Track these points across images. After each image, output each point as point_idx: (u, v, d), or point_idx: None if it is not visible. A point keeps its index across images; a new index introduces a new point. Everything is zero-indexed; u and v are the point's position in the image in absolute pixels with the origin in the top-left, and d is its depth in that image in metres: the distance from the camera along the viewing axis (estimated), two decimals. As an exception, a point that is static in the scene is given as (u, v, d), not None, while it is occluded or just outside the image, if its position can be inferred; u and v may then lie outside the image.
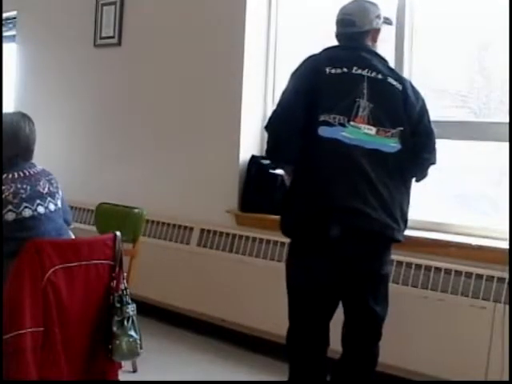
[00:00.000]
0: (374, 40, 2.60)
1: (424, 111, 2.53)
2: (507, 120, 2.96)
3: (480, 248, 2.88)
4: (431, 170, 2.63)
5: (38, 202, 2.59)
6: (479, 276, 2.84)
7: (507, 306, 2.72)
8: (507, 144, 2.89)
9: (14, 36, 5.33)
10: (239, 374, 3.26)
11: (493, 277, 2.81)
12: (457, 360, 2.83)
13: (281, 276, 2.46)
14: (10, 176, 2.57)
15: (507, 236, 2.82)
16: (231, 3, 3.83)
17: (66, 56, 4.82)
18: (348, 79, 2.39)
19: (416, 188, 3.31)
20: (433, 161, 2.57)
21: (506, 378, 2.65)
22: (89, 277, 2.52)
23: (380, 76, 2.44)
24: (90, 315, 2.54)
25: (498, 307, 2.75)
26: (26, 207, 2.54)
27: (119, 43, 4.46)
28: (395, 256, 3.05)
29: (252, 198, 3.71)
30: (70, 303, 2.44)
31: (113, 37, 4.47)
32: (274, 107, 2.48)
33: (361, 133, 2.35)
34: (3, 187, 2.53)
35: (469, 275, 2.87)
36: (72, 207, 3.71)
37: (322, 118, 2.33)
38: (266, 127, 2.47)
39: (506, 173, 2.95)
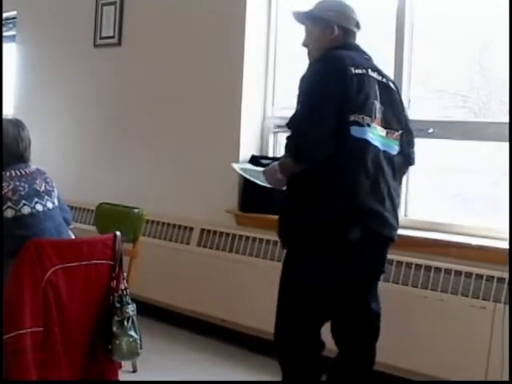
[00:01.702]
0: (354, 40, 2.59)
1: (406, 111, 2.62)
2: (507, 120, 2.96)
3: (480, 248, 2.88)
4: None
5: (36, 199, 2.59)
6: (479, 276, 2.84)
7: (507, 306, 2.72)
8: (507, 144, 2.89)
9: (13, 36, 5.33)
10: (239, 374, 3.26)
11: (493, 277, 2.81)
12: (457, 360, 2.83)
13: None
14: (8, 174, 2.58)
15: (507, 236, 2.82)
16: (231, 3, 3.83)
17: (66, 56, 4.81)
18: (368, 80, 2.38)
19: (416, 188, 3.33)
20: (415, 159, 2.62)
21: (505, 378, 2.65)
22: (89, 277, 2.53)
23: (384, 80, 2.48)
24: (90, 315, 2.54)
25: (497, 307, 2.75)
26: (24, 204, 2.54)
27: (119, 43, 4.46)
28: (395, 256, 3.05)
29: (252, 198, 3.71)
30: (70, 303, 2.45)
31: (113, 37, 4.47)
32: (300, 107, 2.35)
33: (377, 134, 2.38)
34: (3, 184, 2.53)
35: (469, 275, 2.87)
36: (72, 207, 3.71)
37: (352, 117, 2.30)
38: (294, 127, 2.35)
39: (506, 173, 2.94)
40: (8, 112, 5.00)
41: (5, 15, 5.23)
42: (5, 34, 5.38)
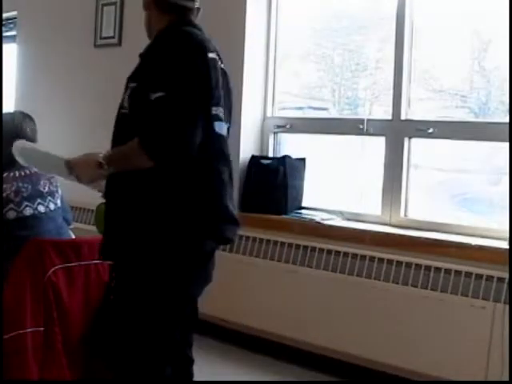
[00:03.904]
0: (195, 18, 2.24)
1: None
2: (507, 120, 2.96)
3: (480, 248, 2.88)
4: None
5: (39, 201, 2.60)
6: (479, 276, 2.84)
7: (507, 306, 2.72)
8: (507, 144, 2.89)
9: (14, 36, 5.34)
10: (239, 374, 3.26)
11: (493, 277, 2.81)
12: (457, 360, 2.83)
13: (280, 276, 2.47)
14: (12, 174, 2.59)
15: (507, 236, 2.82)
16: (231, 3, 3.83)
17: (67, 56, 4.81)
18: (217, 66, 2.09)
19: (416, 188, 3.33)
20: None
21: (505, 378, 2.65)
22: (89, 277, 2.53)
23: (222, 65, 2.18)
24: (90, 315, 2.54)
25: (497, 307, 2.75)
26: (26, 206, 2.55)
27: (119, 43, 4.46)
28: (395, 256, 3.06)
29: (252, 198, 3.71)
30: (71, 303, 2.45)
31: (113, 37, 4.47)
32: (168, 93, 1.94)
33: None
34: (5, 185, 2.54)
35: (469, 275, 2.86)
36: (72, 207, 3.71)
37: (213, 111, 2.03)
38: (163, 117, 1.91)
39: (506, 173, 2.95)
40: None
41: (5, 15, 5.23)
42: (5, 34, 5.38)
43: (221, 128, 2.07)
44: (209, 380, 3.17)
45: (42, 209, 2.60)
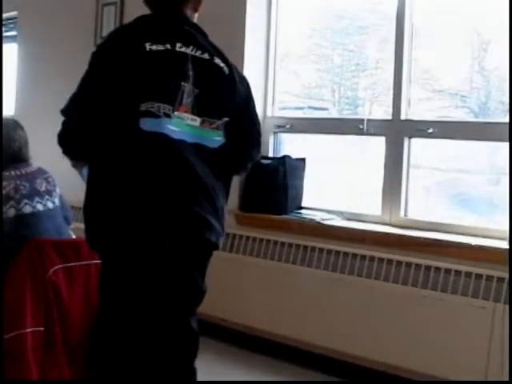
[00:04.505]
0: (196, 10, 2.18)
1: (250, 99, 2.24)
2: (507, 120, 2.96)
3: (480, 248, 2.88)
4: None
5: (37, 199, 2.60)
6: (479, 276, 2.84)
7: (507, 306, 2.72)
8: (507, 144, 2.89)
9: (14, 36, 5.34)
10: (239, 374, 3.26)
11: (493, 277, 2.81)
12: (457, 360, 2.83)
13: (280, 276, 2.47)
14: (8, 173, 2.59)
15: (507, 236, 2.82)
16: (231, 3, 3.83)
17: (67, 56, 4.81)
18: (171, 58, 2.00)
19: (416, 188, 3.33)
20: (255, 158, 2.31)
21: (505, 378, 2.65)
22: (89, 276, 2.53)
23: (207, 56, 2.09)
24: (91, 315, 2.54)
25: (497, 307, 2.75)
26: (26, 203, 2.55)
27: (119, 43, 4.46)
28: (395, 256, 3.05)
29: (252, 198, 3.71)
30: (71, 303, 2.45)
31: (113, 37, 4.47)
32: (76, 90, 2.12)
33: (184, 124, 1.98)
34: (4, 183, 2.54)
35: (468, 275, 2.87)
36: (73, 207, 3.71)
37: (143, 107, 1.94)
38: (64, 108, 2.10)
39: (506, 173, 2.95)
40: (8, 112, 5.01)
41: (5, 15, 5.23)
42: (5, 34, 5.38)
43: (155, 125, 1.95)
44: (208, 380, 3.18)
45: (40, 207, 2.60)
